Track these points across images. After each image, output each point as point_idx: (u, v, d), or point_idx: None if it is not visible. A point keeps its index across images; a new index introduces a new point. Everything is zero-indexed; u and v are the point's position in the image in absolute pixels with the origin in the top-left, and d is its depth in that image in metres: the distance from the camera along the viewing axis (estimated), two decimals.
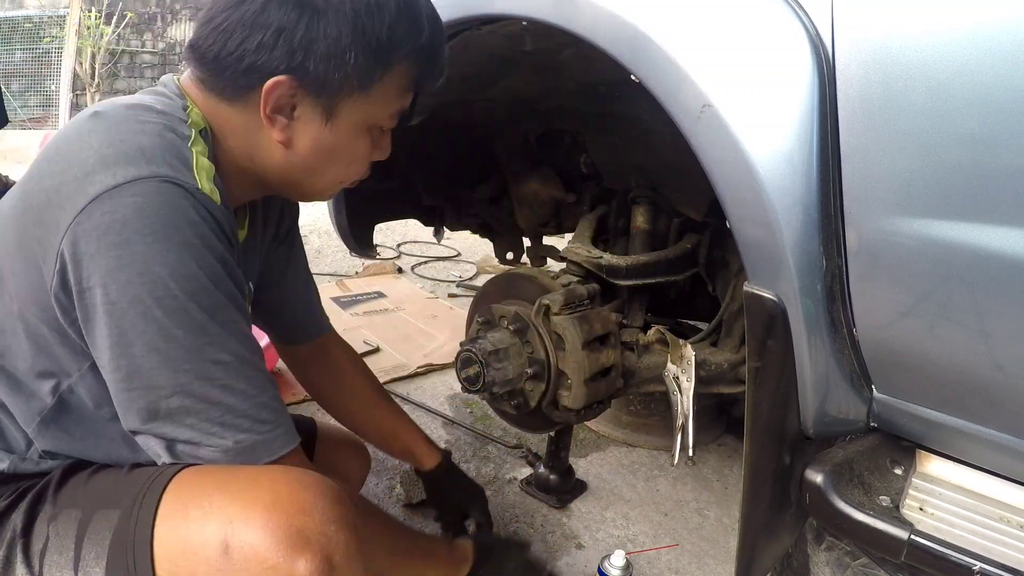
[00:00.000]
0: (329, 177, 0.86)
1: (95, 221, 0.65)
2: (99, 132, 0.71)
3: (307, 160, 0.82)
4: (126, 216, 0.65)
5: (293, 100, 0.77)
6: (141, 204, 0.65)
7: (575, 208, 1.69)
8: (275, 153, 0.81)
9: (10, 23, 7.46)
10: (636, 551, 1.46)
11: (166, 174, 0.68)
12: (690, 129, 0.78)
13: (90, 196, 0.65)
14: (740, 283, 1.29)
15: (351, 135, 0.82)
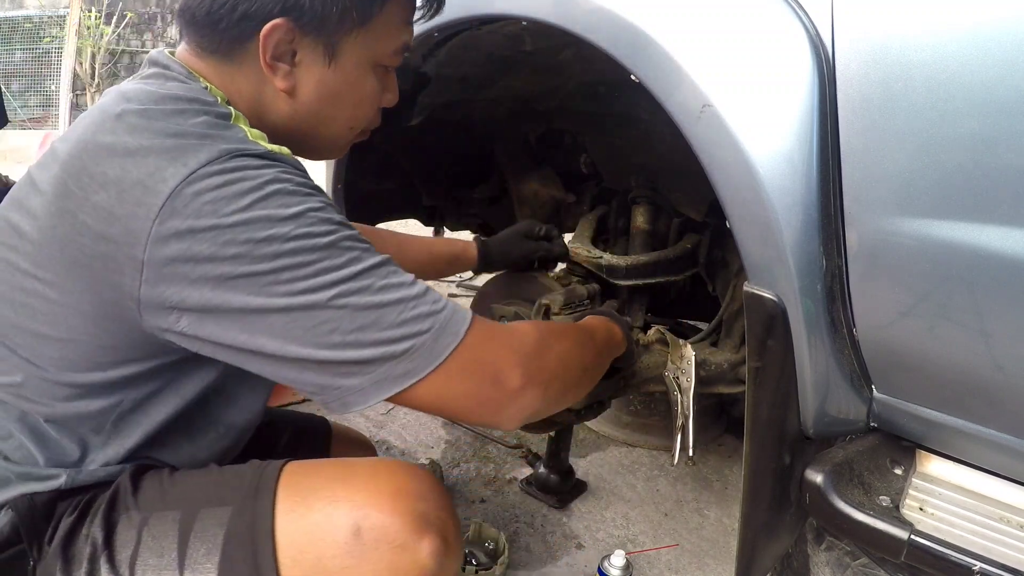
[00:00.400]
0: (339, 123, 0.84)
1: (182, 213, 0.62)
2: (141, 130, 0.67)
3: (313, 106, 0.79)
4: (214, 195, 0.63)
5: (292, 45, 0.75)
6: (225, 179, 0.63)
7: (575, 208, 1.69)
8: (281, 105, 0.78)
9: (10, 23, 7.46)
10: (636, 551, 1.46)
11: (237, 147, 0.66)
12: (690, 129, 0.78)
13: (165, 193, 0.63)
14: (740, 283, 1.29)
15: (356, 74, 0.80)
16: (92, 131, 0.69)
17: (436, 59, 1.24)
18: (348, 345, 0.65)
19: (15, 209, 0.73)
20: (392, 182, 1.73)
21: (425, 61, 1.25)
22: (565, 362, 0.81)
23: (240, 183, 0.64)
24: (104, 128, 0.68)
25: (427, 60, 1.25)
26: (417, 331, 0.67)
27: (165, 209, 0.62)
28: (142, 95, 0.71)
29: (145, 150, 0.65)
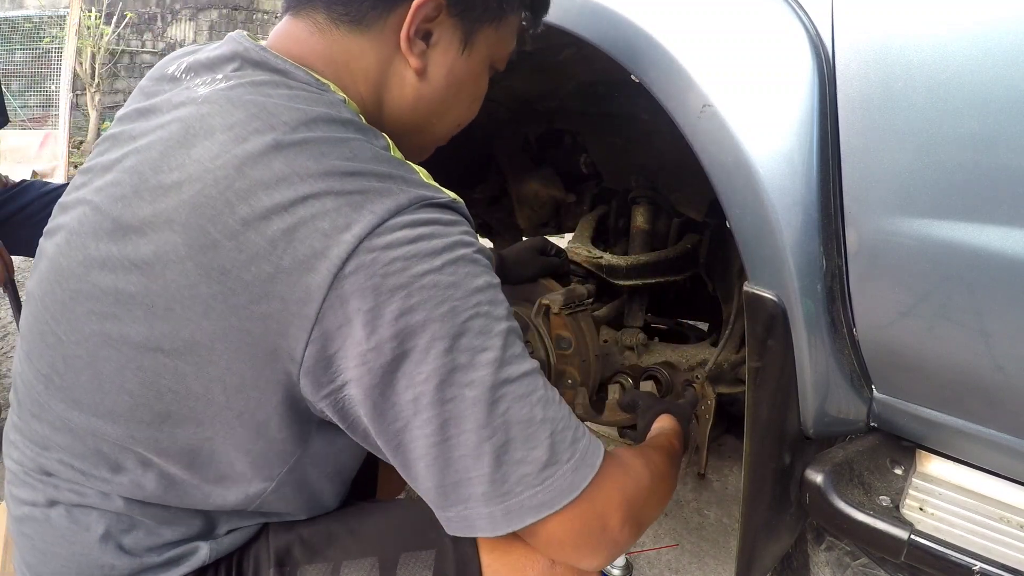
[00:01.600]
0: (453, 117, 0.80)
1: (368, 269, 0.55)
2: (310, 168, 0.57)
3: (439, 92, 0.75)
4: (404, 251, 0.56)
5: (433, 24, 0.71)
6: (415, 234, 0.57)
7: (575, 208, 1.69)
8: (407, 87, 0.73)
9: (10, 23, 7.46)
10: (636, 551, 1.46)
11: (423, 195, 0.60)
12: (690, 129, 0.78)
13: (351, 244, 0.55)
14: (741, 283, 1.29)
15: (480, 69, 0.78)
16: (235, 164, 0.58)
17: None
18: (495, 458, 0.59)
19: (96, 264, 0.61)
20: None
21: None
22: (660, 507, 0.76)
23: (431, 240, 0.58)
24: (252, 162, 0.58)
25: None
26: (561, 458, 0.61)
27: (351, 262, 0.55)
28: (288, 119, 0.60)
29: (321, 192, 0.56)
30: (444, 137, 0.84)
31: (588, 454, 0.63)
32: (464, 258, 0.60)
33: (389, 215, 0.57)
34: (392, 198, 0.58)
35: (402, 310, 0.56)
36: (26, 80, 7.49)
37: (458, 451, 0.58)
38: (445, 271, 0.58)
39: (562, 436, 0.61)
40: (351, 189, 0.57)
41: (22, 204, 1.88)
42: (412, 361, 0.57)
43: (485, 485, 0.59)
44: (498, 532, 0.61)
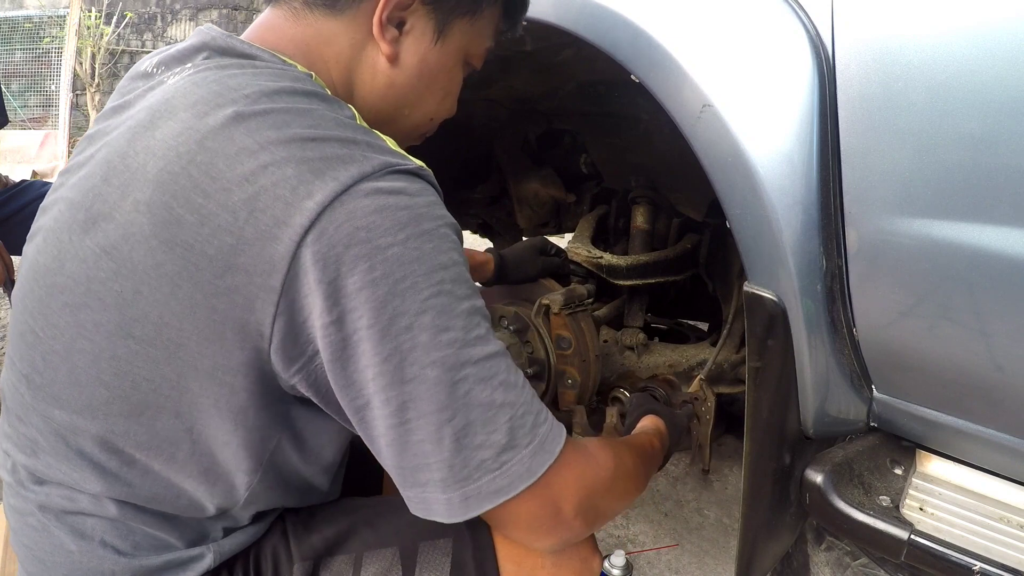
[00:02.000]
0: (425, 109, 0.79)
1: (331, 237, 0.54)
2: (271, 137, 0.57)
3: (411, 81, 0.74)
4: (369, 220, 0.55)
5: (406, 12, 0.71)
6: (380, 202, 0.56)
7: (575, 208, 1.70)
8: (379, 73, 0.73)
9: (10, 23, 7.46)
10: (636, 551, 1.46)
11: (389, 162, 0.58)
12: (690, 129, 0.78)
13: (313, 211, 0.54)
14: (741, 283, 1.29)
15: (453, 61, 0.77)
16: (196, 139, 0.57)
17: None
18: (454, 442, 0.58)
19: (69, 255, 0.60)
20: None
21: None
22: (622, 501, 0.76)
23: (396, 211, 0.56)
24: (215, 135, 0.57)
25: None
26: (520, 443, 0.60)
27: (313, 231, 0.54)
28: (249, 92, 0.59)
29: (282, 160, 0.55)
30: (416, 130, 0.82)
31: (548, 440, 0.62)
32: (429, 232, 0.58)
33: (353, 181, 0.55)
34: (356, 164, 0.56)
35: (363, 283, 0.55)
36: (26, 80, 7.49)
37: (417, 435, 0.58)
38: (409, 244, 0.56)
39: (522, 421, 0.60)
40: (313, 156, 0.56)
41: (22, 204, 1.88)
42: (372, 337, 0.55)
43: (444, 471, 0.58)
44: (455, 519, 0.60)
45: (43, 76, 7.38)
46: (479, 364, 0.59)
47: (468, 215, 1.90)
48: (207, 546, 0.69)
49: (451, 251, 0.60)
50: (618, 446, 0.78)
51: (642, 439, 0.91)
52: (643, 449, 0.87)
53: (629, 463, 0.76)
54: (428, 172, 0.63)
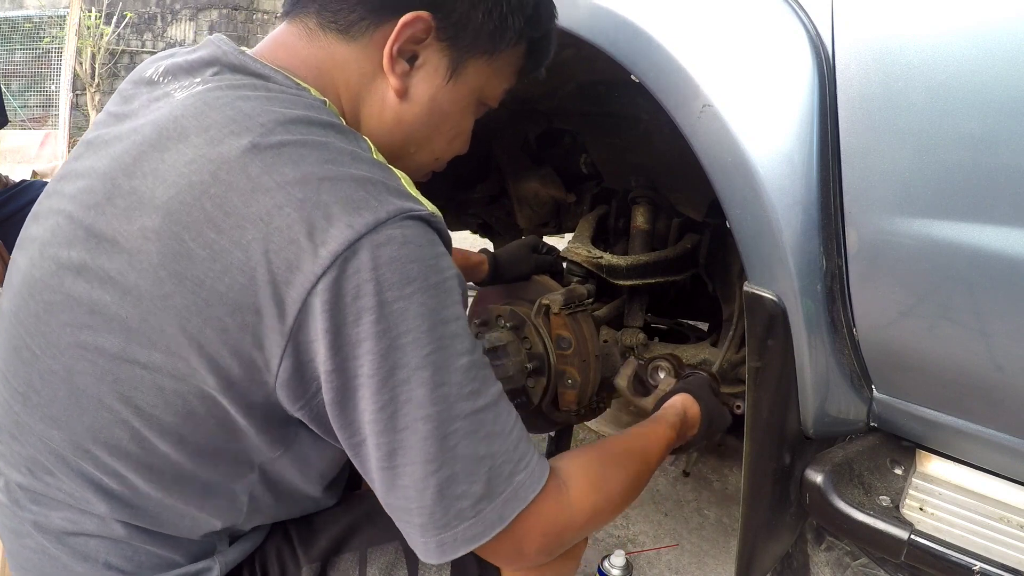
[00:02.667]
0: (432, 149, 0.77)
1: (341, 287, 0.54)
2: (287, 174, 0.56)
3: (419, 118, 0.72)
4: (378, 272, 0.55)
5: (420, 45, 0.68)
6: (391, 253, 0.55)
7: (575, 208, 1.69)
8: (387, 107, 0.71)
9: (10, 23, 7.46)
10: (636, 551, 1.46)
11: (402, 208, 0.57)
12: (690, 129, 0.78)
13: (326, 259, 0.54)
14: (741, 283, 1.29)
15: (465, 102, 0.75)
16: (210, 170, 0.56)
17: None
18: (437, 492, 0.59)
19: (69, 274, 0.59)
20: None
21: None
22: (599, 527, 0.75)
23: (406, 263, 0.56)
24: (229, 167, 0.56)
25: None
26: (495, 492, 0.61)
27: (325, 279, 0.54)
28: (265, 121, 0.58)
29: (298, 202, 0.55)
30: (421, 169, 0.80)
31: (522, 488, 0.62)
32: (436, 286, 0.58)
33: (367, 229, 0.55)
34: (370, 211, 0.56)
35: (368, 334, 0.55)
36: (26, 80, 7.49)
37: (403, 479, 0.59)
38: (415, 300, 0.56)
39: (500, 470, 0.61)
40: (329, 200, 0.55)
41: (22, 204, 1.88)
42: (371, 386, 0.56)
43: (424, 517, 0.60)
44: (429, 560, 0.62)
45: (43, 76, 7.38)
46: (469, 418, 0.60)
47: (468, 215, 1.90)
48: (213, 559, 0.69)
49: (454, 305, 0.60)
50: (612, 461, 0.75)
51: (654, 432, 0.86)
52: (646, 449, 0.83)
53: (617, 485, 0.74)
54: (438, 219, 0.62)
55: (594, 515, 0.69)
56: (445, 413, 0.58)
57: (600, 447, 0.77)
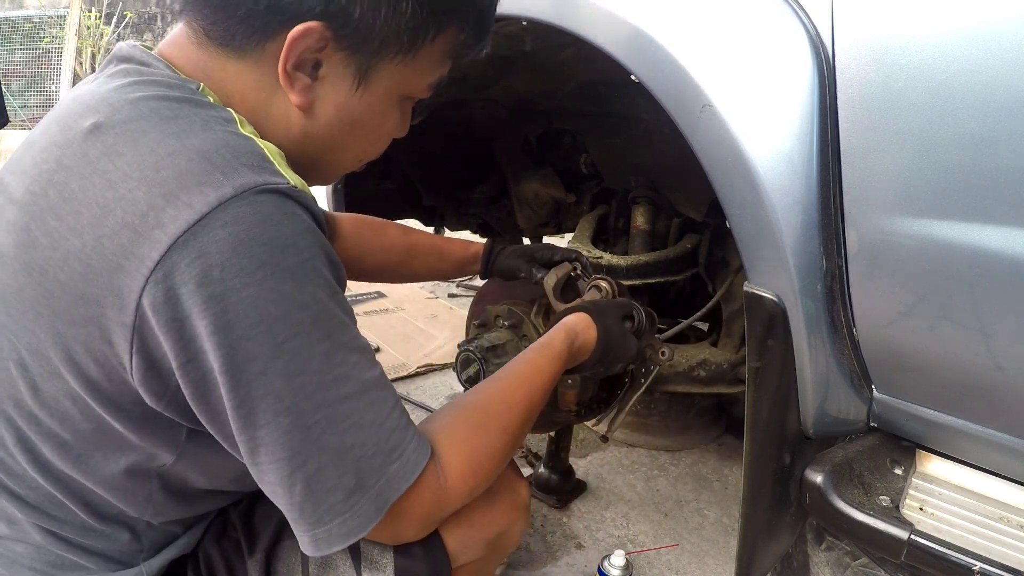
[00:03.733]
0: (350, 154, 0.72)
1: (183, 274, 0.50)
2: (123, 152, 0.53)
3: (329, 131, 0.67)
4: (224, 256, 0.50)
5: (319, 55, 0.61)
6: (238, 234, 0.51)
7: (575, 208, 1.70)
8: (291, 122, 0.65)
9: (10, 23, 7.46)
10: (636, 551, 1.46)
11: (253, 182, 0.53)
12: (690, 129, 0.78)
13: (164, 243, 0.50)
14: (738, 281, 1.29)
15: (382, 105, 0.68)
16: (56, 156, 0.55)
17: None
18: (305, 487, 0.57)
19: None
20: (392, 182, 1.73)
21: None
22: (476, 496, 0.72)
23: (256, 246, 0.52)
24: (72, 151, 0.55)
25: None
26: (368, 484, 0.59)
27: (162, 266, 0.50)
28: (113, 99, 0.56)
29: (132, 180, 0.52)
30: (346, 169, 0.76)
31: (396, 478, 0.60)
32: (292, 269, 0.53)
33: (209, 209, 0.50)
34: (214, 187, 0.51)
35: (216, 327, 0.51)
36: (26, 80, 7.49)
37: (269, 476, 0.57)
38: (266, 285, 0.52)
39: (371, 461, 0.59)
40: (167, 176, 0.51)
41: None
42: (225, 383, 0.53)
43: (295, 513, 0.58)
44: (308, 553, 0.60)
45: (43, 76, 7.37)
46: (333, 407, 0.57)
47: (468, 215, 1.90)
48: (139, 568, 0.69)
49: (316, 287, 0.56)
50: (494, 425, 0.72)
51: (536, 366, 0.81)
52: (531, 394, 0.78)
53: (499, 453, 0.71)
54: (301, 192, 0.57)
55: (470, 495, 0.69)
56: (305, 404, 0.55)
57: (482, 409, 0.73)
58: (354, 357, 0.59)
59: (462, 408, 0.73)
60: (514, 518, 0.81)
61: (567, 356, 0.85)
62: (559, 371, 0.84)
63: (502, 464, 0.73)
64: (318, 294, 0.56)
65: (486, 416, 0.72)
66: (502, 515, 0.79)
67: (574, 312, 0.93)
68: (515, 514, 0.81)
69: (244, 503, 0.79)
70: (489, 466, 0.70)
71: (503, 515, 0.79)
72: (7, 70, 7.43)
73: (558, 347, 0.84)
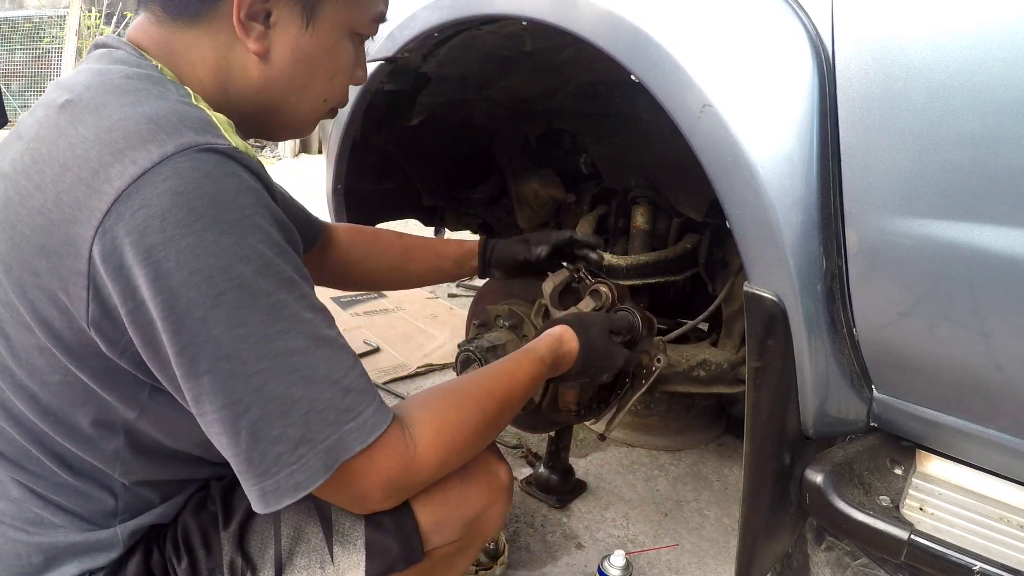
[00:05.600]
0: (313, 93, 0.77)
1: (127, 224, 0.54)
2: (85, 120, 0.59)
3: (287, 72, 0.73)
4: (164, 207, 0.54)
5: (267, 4, 0.69)
6: (177, 187, 0.55)
7: (575, 208, 1.69)
8: (251, 72, 0.71)
9: (10, 23, 7.46)
10: (636, 551, 1.46)
11: (195, 141, 0.57)
12: (690, 129, 0.78)
13: (111, 196, 0.54)
14: (739, 282, 1.29)
15: (333, 40, 0.74)
16: (35, 129, 0.62)
17: (436, 59, 1.24)
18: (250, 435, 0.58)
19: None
20: (392, 182, 1.73)
21: (425, 61, 1.25)
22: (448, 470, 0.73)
23: (195, 198, 0.55)
24: (46, 123, 0.61)
25: (427, 60, 1.25)
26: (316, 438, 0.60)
27: (110, 216, 0.54)
28: (84, 79, 0.63)
29: (88, 142, 0.57)
30: (314, 114, 0.80)
31: (349, 436, 0.61)
32: (231, 222, 0.57)
33: (151, 164, 0.55)
34: (157, 144, 0.56)
35: (158, 273, 0.55)
36: (26, 80, 7.49)
37: (214, 427, 0.59)
38: (205, 236, 0.55)
39: (323, 416, 0.60)
40: (116, 136, 0.57)
41: None
42: (167, 329, 0.56)
43: (242, 464, 0.59)
44: (260, 511, 0.60)
45: (43, 76, 7.37)
46: (278, 359, 0.58)
47: (468, 215, 1.90)
48: (114, 529, 0.71)
49: (256, 242, 0.58)
50: (470, 406, 0.74)
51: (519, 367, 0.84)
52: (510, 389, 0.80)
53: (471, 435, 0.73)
54: (244, 154, 0.61)
55: (441, 467, 0.70)
56: (248, 353, 0.57)
57: (460, 390, 0.76)
58: (306, 314, 0.61)
59: (441, 388, 0.76)
60: (492, 499, 0.81)
61: (550, 362, 0.88)
62: (541, 374, 0.86)
63: (476, 444, 0.74)
64: (260, 248, 0.58)
65: (463, 396, 0.75)
66: (478, 494, 0.79)
67: (559, 324, 0.96)
68: (493, 495, 0.81)
69: (226, 480, 0.79)
70: (461, 441, 0.71)
71: (479, 495, 0.79)
72: (7, 70, 7.43)
73: (541, 352, 0.88)
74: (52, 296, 0.58)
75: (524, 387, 0.83)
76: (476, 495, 0.79)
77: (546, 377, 0.89)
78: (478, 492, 0.79)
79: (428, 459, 0.68)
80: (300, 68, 0.74)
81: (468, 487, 0.78)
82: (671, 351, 1.36)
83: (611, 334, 1.01)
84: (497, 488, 0.82)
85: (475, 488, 0.79)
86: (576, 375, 0.94)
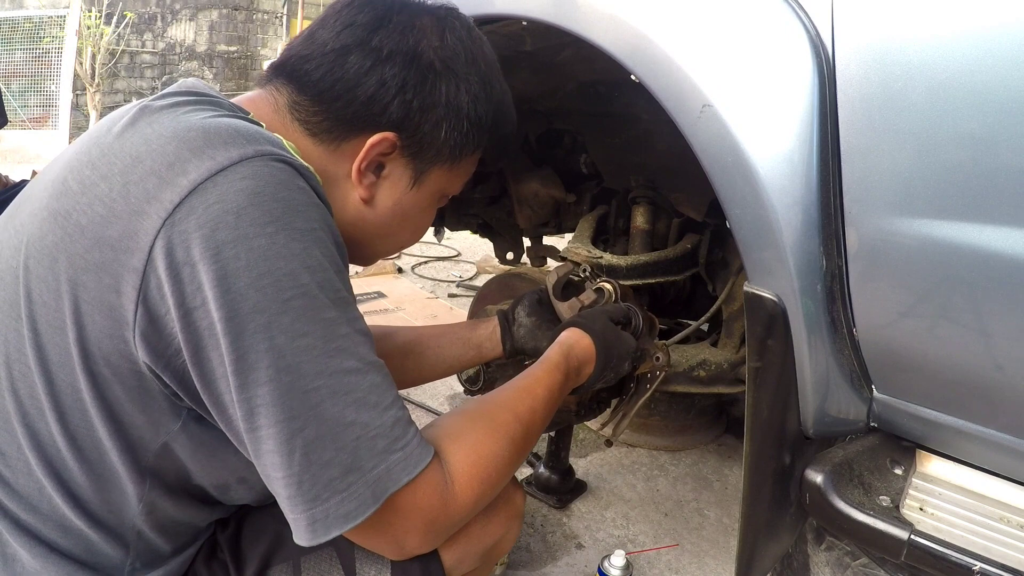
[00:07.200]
0: (395, 242, 0.81)
1: (200, 217, 0.52)
2: (162, 120, 0.59)
3: (383, 220, 0.75)
4: (240, 204, 0.53)
5: (386, 158, 0.72)
6: (255, 187, 0.54)
7: (575, 208, 1.69)
8: (349, 208, 0.73)
9: (10, 23, 7.46)
10: (636, 551, 1.46)
11: (273, 152, 0.57)
12: (690, 129, 0.78)
13: (185, 188, 0.53)
14: (739, 282, 1.29)
15: (427, 202, 0.78)
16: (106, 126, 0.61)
17: None
18: (304, 456, 0.55)
19: None
20: None
21: None
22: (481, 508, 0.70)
23: (271, 201, 0.55)
24: (123, 127, 0.60)
25: None
26: (365, 466, 0.57)
27: (182, 208, 0.53)
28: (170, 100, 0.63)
29: (165, 138, 0.56)
30: (386, 255, 0.87)
31: (396, 467, 0.58)
32: (302, 231, 0.56)
33: (230, 162, 0.54)
34: (238, 147, 0.56)
35: (225, 272, 0.52)
36: (26, 80, 7.49)
37: (267, 444, 0.55)
38: (278, 239, 0.54)
39: (372, 443, 0.57)
40: (196, 137, 0.56)
41: None
42: (228, 331, 0.53)
43: (292, 488, 0.55)
44: (303, 543, 0.56)
45: (43, 76, 7.37)
46: (334, 377, 0.56)
47: (468, 215, 1.90)
48: None
49: (320, 255, 0.57)
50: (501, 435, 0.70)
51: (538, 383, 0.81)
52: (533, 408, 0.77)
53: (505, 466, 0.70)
54: (313, 175, 0.61)
55: (476, 505, 0.67)
56: (308, 366, 0.55)
57: (488, 416, 0.72)
58: (359, 336, 0.60)
59: (468, 415, 0.72)
60: (509, 527, 0.81)
61: (566, 368, 0.87)
62: (561, 384, 0.85)
63: (508, 475, 0.72)
64: (324, 263, 0.58)
65: (493, 424, 0.71)
66: (499, 526, 0.78)
67: (562, 330, 0.96)
68: (510, 523, 0.81)
69: (231, 528, 0.76)
70: (496, 476, 0.68)
71: (499, 526, 0.78)
72: (7, 70, 7.43)
73: (555, 359, 0.87)
74: (99, 295, 0.55)
75: (545, 403, 0.80)
76: (496, 526, 0.78)
77: (569, 385, 0.88)
78: (498, 523, 0.78)
79: (465, 496, 0.65)
80: (395, 219, 0.77)
81: (489, 519, 0.77)
82: (672, 351, 1.36)
83: (615, 324, 1.01)
84: (514, 515, 0.82)
85: (495, 520, 0.78)
86: (602, 370, 0.93)
